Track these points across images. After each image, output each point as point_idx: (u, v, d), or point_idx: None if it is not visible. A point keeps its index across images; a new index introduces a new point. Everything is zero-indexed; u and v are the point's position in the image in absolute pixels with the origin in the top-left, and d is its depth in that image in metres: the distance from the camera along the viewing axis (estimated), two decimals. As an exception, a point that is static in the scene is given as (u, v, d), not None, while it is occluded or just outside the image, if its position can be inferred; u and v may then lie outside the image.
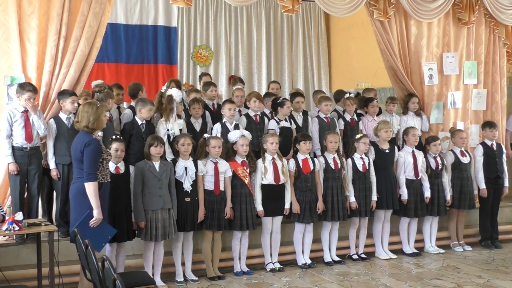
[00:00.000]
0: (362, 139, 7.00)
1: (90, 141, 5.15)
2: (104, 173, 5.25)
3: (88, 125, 5.17)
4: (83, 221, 5.10)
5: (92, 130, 5.20)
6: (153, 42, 10.30)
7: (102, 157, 5.21)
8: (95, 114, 5.19)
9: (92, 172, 5.11)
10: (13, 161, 5.93)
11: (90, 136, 5.18)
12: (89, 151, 5.11)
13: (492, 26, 8.69)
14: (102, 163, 5.22)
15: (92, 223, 5.09)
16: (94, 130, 5.22)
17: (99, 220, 5.12)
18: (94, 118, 5.17)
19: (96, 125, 5.20)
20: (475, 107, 8.65)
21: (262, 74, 11.07)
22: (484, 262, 7.01)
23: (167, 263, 6.15)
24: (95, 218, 5.09)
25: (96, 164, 5.14)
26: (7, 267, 5.65)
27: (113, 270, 3.58)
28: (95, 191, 5.10)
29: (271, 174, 6.49)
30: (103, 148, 5.28)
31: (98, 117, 5.19)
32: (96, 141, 5.20)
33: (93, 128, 5.20)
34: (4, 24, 6.16)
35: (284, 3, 7.33)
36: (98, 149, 5.16)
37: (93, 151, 5.12)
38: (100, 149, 5.19)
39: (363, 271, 6.58)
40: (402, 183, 7.20)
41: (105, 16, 6.60)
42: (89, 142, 5.14)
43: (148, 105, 6.45)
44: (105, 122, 5.44)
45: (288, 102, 7.26)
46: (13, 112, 5.96)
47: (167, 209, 5.92)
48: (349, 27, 11.02)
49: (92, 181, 5.10)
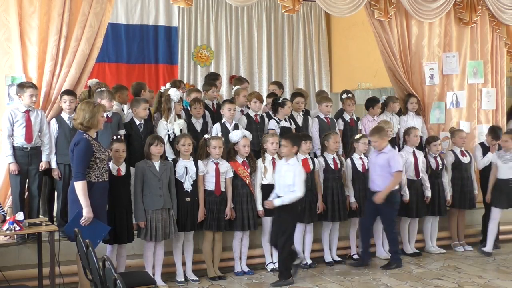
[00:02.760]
0: (361, 139, 7.00)
1: (79, 140, 5.19)
2: (98, 172, 5.24)
3: (83, 122, 5.21)
4: (74, 220, 5.14)
5: (86, 128, 5.23)
6: (154, 42, 10.30)
7: (95, 156, 5.20)
8: (91, 112, 5.22)
9: (79, 171, 5.14)
10: (13, 161, 5.94)
11: (81, 135, 5.22)
12: (77, 150, 5.16)
13: (493, 26, 8.69)
14: (95, 162, 5.21)
15: (83, 222, 5.10)
16: (89, 128, 5.24)
17: (89, 219, 5.13)
18: (90, 116, 5.20)
19: (91, 123, 5.22)
20: (485, 107, 8.64)
21: (262, 74, 11.06)
22: (485, 262, 7.01)
23: (167, 263, 6.15)
24: (84, 217, 5.11)
25: (84, 163, 5.15)
26: (8, 267, 5.65)
27: (113, 270, 3.58)
28: (84, 190, 5.11)
29: (271, 174, 6.48)
30: (96, 147, 5.25)
31: (93, 116, 5.21)
32: (85, 140, 5.19)
33: (87, 126, 5.23)
34: (5, 24, 6.16)
35: (285, 3, 7.33)
36: (86, 149, 5.16)
37: (81, 151, 5.14)
38: (90, 149, 5.18)
39: (364, 271, 6.58)
40: (404, 183, 7.19)
41: (106, 16, 6.61)
42: (78, 141, 5.18)
43: (142, 104, 6.45)
44: (102, 122, 5.40)
45: (289, 102, 7.26)
46: (15, 112, 5.97)
47: (167, 209, 5.92)
48: (349, 27, 11.02)
49: (80, 180, 5.13)
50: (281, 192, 6.04)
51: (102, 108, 5.43)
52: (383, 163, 6.60)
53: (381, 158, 6.64)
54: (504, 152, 7.33)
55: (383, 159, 6.62)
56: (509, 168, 7.24)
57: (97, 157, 5.21)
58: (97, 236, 5.19)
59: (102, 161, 5.29)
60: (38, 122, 6.04)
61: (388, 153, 6.64)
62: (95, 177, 5.23)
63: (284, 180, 6.01)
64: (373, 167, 6.76)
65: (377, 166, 6.68)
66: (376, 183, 6.66)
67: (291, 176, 5.96)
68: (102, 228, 5.27)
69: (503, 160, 7.28)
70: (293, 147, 6.10)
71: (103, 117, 5.44)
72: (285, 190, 6.01)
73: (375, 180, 6.69)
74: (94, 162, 5.21)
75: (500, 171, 7.31)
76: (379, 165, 6.64)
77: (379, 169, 6.64)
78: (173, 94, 6.51)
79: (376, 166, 6.70)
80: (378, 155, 6.69)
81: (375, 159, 6.74)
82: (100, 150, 5.29)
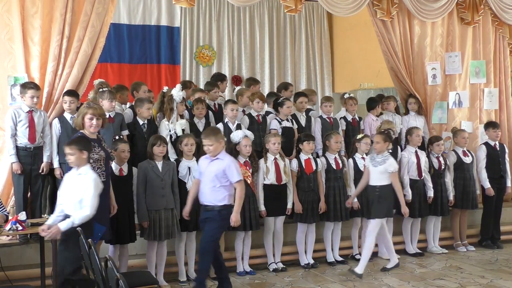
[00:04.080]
0: (363, 139, 6.99)
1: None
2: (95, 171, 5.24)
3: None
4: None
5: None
6: (156, 42, 10.31)
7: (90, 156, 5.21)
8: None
9: None
10: (16, 160, 5.95)
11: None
12: None
13: (496, 26, 8.69)
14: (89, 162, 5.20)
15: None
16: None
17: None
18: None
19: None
20: (487, 107, 8.62)
21: (264, 74, 11.06)
22: (487, 262, 7.00)
23: (170, 263, 6.15)
24: None
25: None
26: (11, 267, 5.66)
27: (116, 270, 3.58)
28: None
29: (273, 174, 6.49)
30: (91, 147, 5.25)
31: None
32: None
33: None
34: (7, 24, 6.18)
35: (287, 3, 7.33)
36: None
37: None
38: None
39: (366, 271, 6.56)
40: (406, 183, 7.19)
41: (108, 16, 6.62)
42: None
43: (146, 104, 6.44)
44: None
45: (288, 101, 7.25)
46: (18, 112, 5.99)
47: (170, 209, 5.92)
48: (352, 27, 11.02)
49: None
50: (69, 210, 4.78)
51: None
52: (217, 172, 5.42)
53: (214, 166, 5.47)
54: (376, 154, 6.51)
55: (217, 167, 5.45)
56: (380, 173, 6.36)
57: (90, 157, 5.21)
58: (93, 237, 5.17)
59: (97, 162, 5.26)
60: (41, 123, 6.06)
61: (224, 160, 5.47)
62: None
63: (73, 194, 4.79)
64: (204, 176, 5.51)
65: (209, 175, 5.44)
66: (205, 195, 5.48)
67: (81, 189, 4.74)
68: (98, 229, 5.25)
69: (374, 164, 6.45)
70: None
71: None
72: (75, 207, 4.74)
73: (205, 192, 5.48)
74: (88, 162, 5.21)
75: (371, 176, 6.46)
76: (212, 173, 5.43)
77: (211, 179, 5.43)
78: (176, 94, 6.51)
79: (207, 174, 5.47)
80: (211, 162, 5.49)
81: (206, 166, 5.51)
82: (94, 150, 5.25)
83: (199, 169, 5.64)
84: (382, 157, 6.43)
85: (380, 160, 6.43)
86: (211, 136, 5.47)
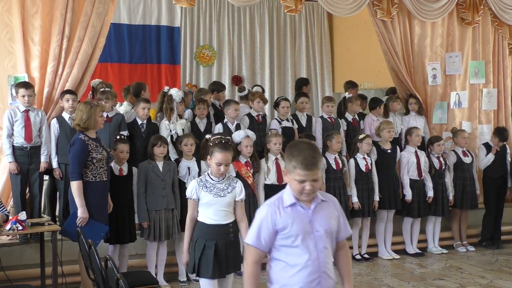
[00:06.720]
0: (365, 139, 6.99)
1: (75, 140, 5.23)
2: (96, 172, 5.25)
3: (80, 123, 5.25)
4: (70, 221, 5.14)
5: (84, 128, 5.26)
6: (156, 42, 10.29)
7: (91, 156, 5.21)
8: (88, 113, 5.25)
9: (75, 172, 5.16)
10: (13, 160, 5.94)
11: (77, 136, 5.25)
12: (72, 150, 5.21)
13: (496, 26, 8.69)
14: (92, 162, 5.21)
15: (78, 222, 5.10)
16: (87, 129, 5.26)
17: (84, 219, 5.13)
18: (86, 117, 5.24)
19: (88, 124, 5.25)
20: (486, 107, 8.62)
21: (265, 74, 11.04)
22: (487, 262, 7.00)
23: (170, 262, 6.16)
24: (79, 217, 5.11)
25: (79, 163, 5.17)
26: (11, 267, 5.65)
27: (116, 269, 3.58)
28: (79, 190, 5.13)
29: (274, 174, 6.48)
30: (92, 147, 5.25)
31: (90, 117, 5.24)
32: (80, 141, 5.21)
33: (85, 127, 5.26)
34: (7, 24, 6.17)
35: (287, 3, 7.33)
36: (81, 149, 5.18)
37: (76, 151, 5.17)
38: (85, 149, 5.19)
39: (366, 271, 6.57)
40: (406, 184, 7.19)
41: (108, 16, 6.62)
42: (74, 142, 5.23)
43: (141, 103, 6.45)
44: (101, 122, 5.41)
45: (283, 101, 7.24)
46: (14, 111, 5.98)
47: (170, 209, 5.92)
48: (352, 27, 11.01)
49: (75, 180, 5.15)
50: None
51: (100, 108, 5.42)
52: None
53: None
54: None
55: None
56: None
57: (93, 157, 5.22)
58: (96, 237, 5.16)
59: (100, 161, 5.28)
60: (38, 122, 6.04)
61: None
62: (92, 176, 5.24)
63: None
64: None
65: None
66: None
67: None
68: (101, 228, 5.27)
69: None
70: None
71: (102, 116, 5.42)
72: None
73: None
74: (91, 162, 5.22)
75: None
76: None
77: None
78: (175, 94, 6.51)
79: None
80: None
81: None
82: (97, 150, 5.28)
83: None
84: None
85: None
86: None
